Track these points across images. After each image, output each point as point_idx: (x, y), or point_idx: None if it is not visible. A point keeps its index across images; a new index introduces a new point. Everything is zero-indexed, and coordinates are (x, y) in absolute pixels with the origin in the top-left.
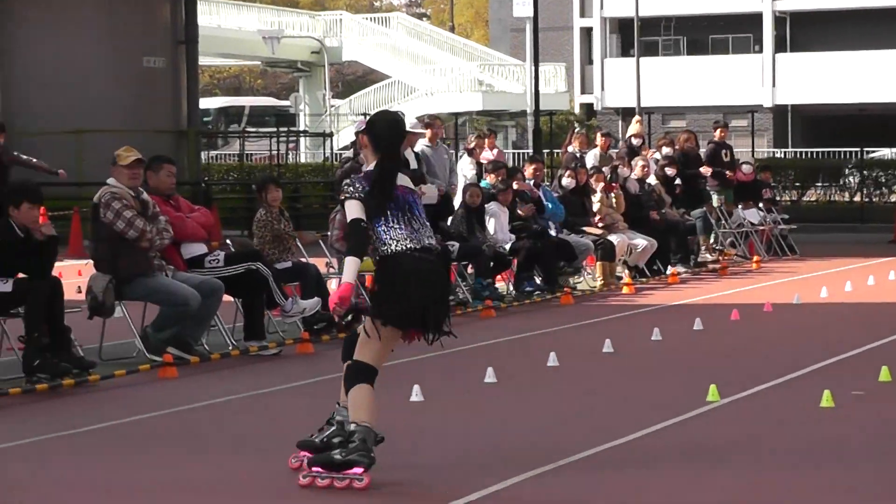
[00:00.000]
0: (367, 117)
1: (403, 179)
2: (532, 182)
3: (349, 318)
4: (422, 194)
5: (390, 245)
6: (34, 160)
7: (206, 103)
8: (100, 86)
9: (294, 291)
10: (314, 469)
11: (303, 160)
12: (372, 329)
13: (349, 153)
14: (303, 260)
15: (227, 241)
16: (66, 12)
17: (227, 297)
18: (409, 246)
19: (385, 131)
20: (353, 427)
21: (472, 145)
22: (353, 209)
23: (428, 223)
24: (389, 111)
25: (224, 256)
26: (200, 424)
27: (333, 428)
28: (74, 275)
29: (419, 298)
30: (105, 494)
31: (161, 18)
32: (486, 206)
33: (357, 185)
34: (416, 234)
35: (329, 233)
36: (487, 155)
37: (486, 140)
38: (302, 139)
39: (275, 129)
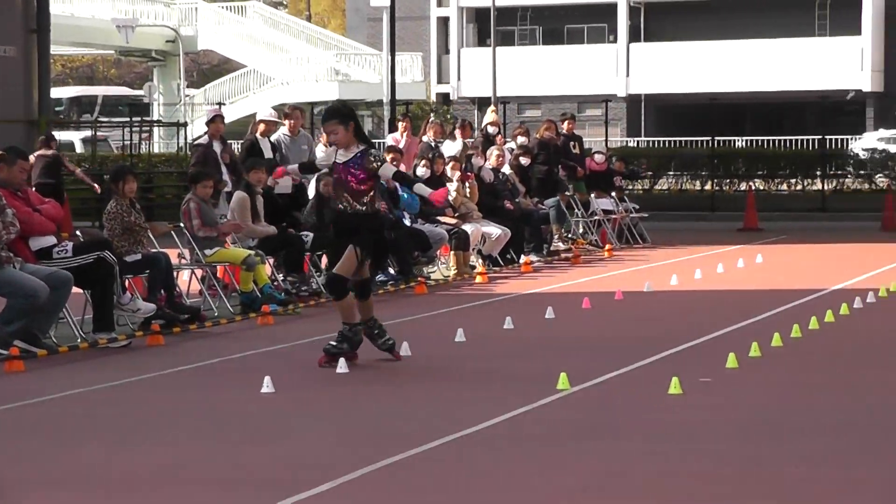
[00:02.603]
0: (221, 106)
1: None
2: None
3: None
4: (276, 184)
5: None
6: (78, 171)
7: (57, 93)
8: None
9: (136, 290)
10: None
11: (156, 150)
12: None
13: (202, 140)
14: (154, 251)
15: (78, 233)
16: None
17: (76, 289)
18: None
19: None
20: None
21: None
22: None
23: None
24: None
25: (73, 247)
26: (49, 418)
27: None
28: None
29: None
30: None
31: (12, 6)
32: None
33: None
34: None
35: (181, 223)
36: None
37: (402, 125)
38: (156, 129)
39: (128, 119)
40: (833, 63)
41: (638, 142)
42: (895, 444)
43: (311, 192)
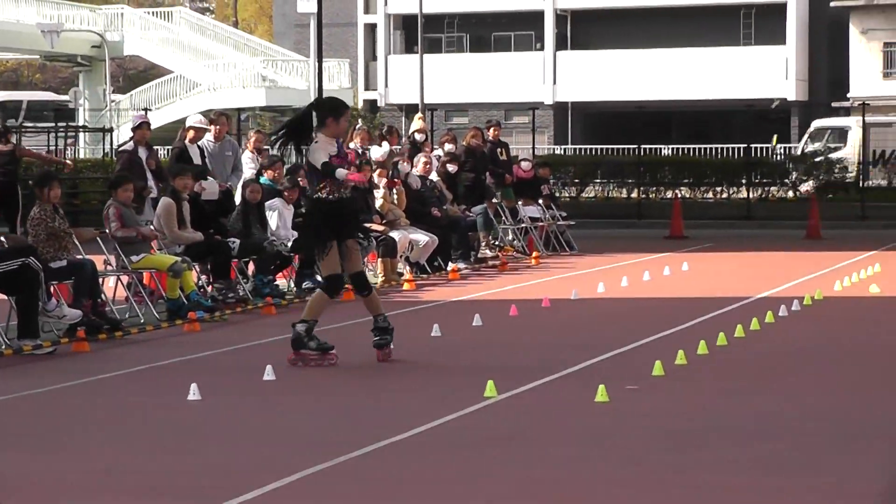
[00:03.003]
0: (147, 111)
1: None
2: None
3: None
4: (202, 190)
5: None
6: (43, 153)
7: None
8: None
9: (60, 297)
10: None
11: (81, 156)
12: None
13: (127, 146)
14: (79, 257)
15: (2, 239)
16: None
17: (0, 296)
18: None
19: None
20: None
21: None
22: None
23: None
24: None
25: None
26: None
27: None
28: None
29: None
30: None
31: None
32: (267, 202)
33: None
34: None
35: (106, 228)
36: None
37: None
38: (81, 134)
39: (53, 125)
40: (758, 72)
41: (565, 149)
42: (817, 452)
43: (237, 199)
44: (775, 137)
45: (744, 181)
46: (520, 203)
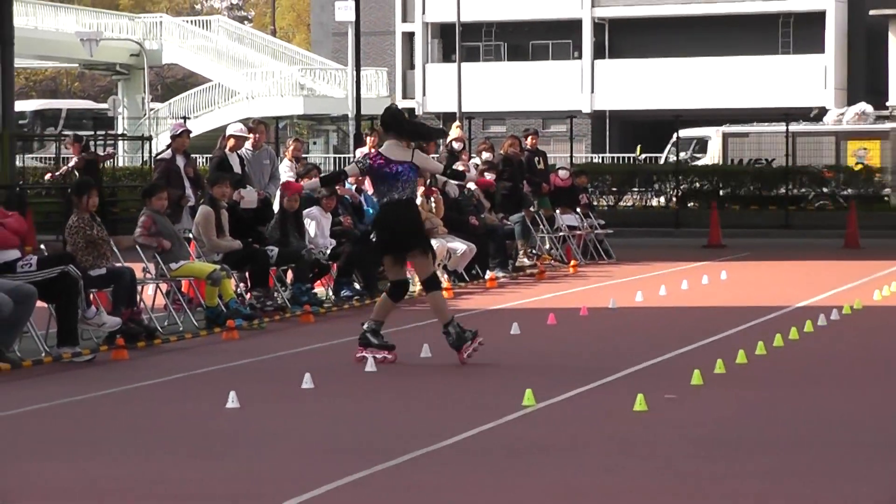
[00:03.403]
0: (185, 119)
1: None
2: (354, 188)
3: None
4: (241, 198)
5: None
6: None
7: (21, 106)
8: None
9: (100, 304)
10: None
11: (121, 164)
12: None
13: (165, 154)
14: (118, 265)
15: (42, 247)
16: None
17: (40, 303)
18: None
19: None
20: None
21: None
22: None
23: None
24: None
25: (37, 261)
26: (11, 432)
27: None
28: None
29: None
30: None
31: None
32: (305, 210)
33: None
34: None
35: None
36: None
37: (370, 139)
38: (120, 143)
39: (92, 133)
40: (796, 80)
41: (603, 158)
42: (855, 462)
43: (275, 207)
44: (639, 147)
45: (782, 190)
46: (557, 211)
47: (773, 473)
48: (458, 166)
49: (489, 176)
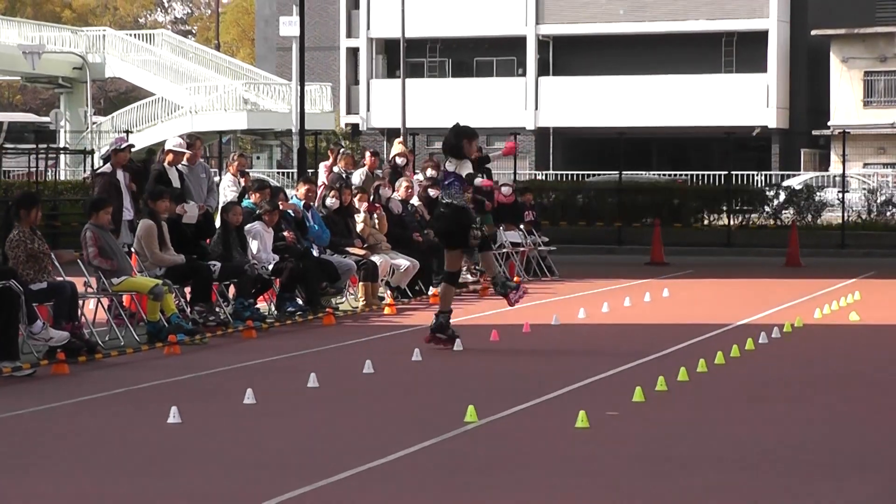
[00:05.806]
0: (128, 134)
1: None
2: (302, 203)
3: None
4: (184, 212)
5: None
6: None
7: None
8: None
9: (46, 319)
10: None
11: (62, 177)
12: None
13: (104, 169)
14: (59, 279)
15: None
16: None
17: None
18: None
19: None
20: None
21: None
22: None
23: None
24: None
25: None
26: None
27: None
28: None
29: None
30: None
31: None
32: (247, 225)
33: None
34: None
35: (83, 251)
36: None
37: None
38: (62, 156)
39: (34, 146)
40: (739, 99)
41: (546, 175)
42: (800, 480)
43: (217, 222)
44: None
45: (724, 208)
46: (501, 228)
47: (717, 490)
48: (402, 182)
49: (433, 192)
